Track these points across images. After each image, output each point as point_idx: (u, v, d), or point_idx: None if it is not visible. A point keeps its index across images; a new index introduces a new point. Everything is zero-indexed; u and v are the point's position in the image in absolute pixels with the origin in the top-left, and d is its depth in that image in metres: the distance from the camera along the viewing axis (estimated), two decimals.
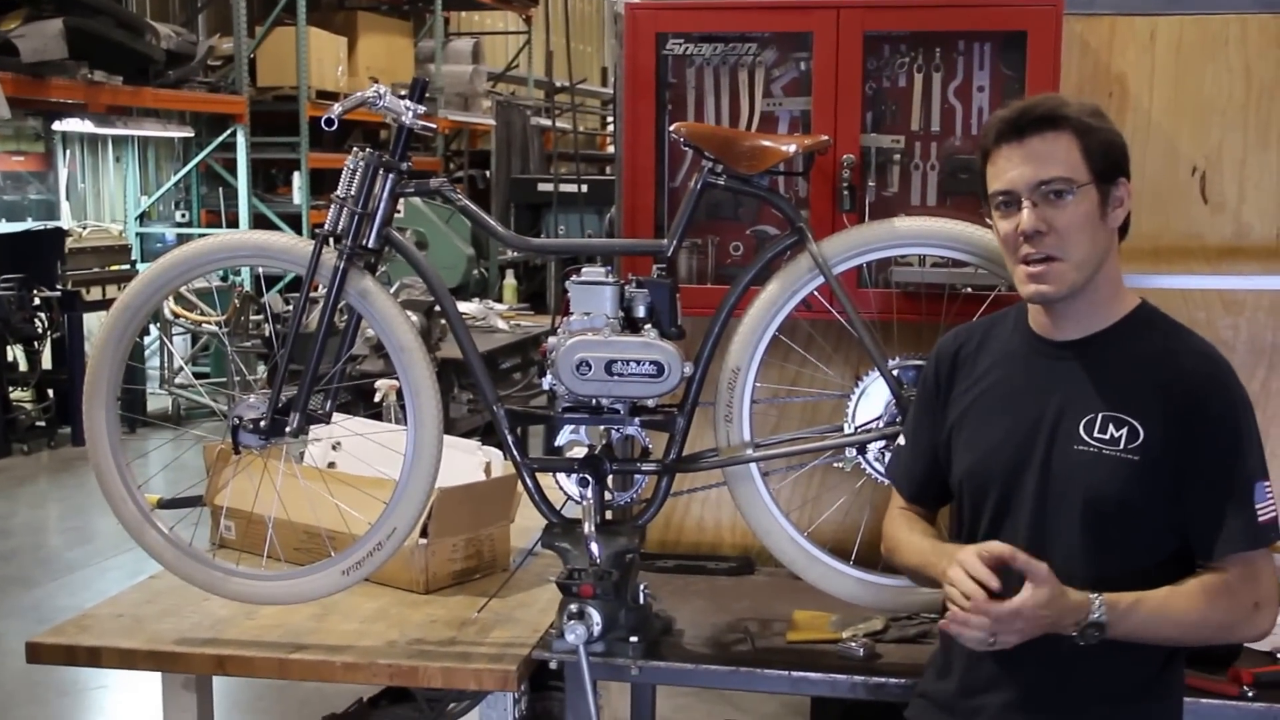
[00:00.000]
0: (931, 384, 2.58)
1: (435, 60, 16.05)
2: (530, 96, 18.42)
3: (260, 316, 9.96)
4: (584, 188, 9.84)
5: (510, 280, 12.12)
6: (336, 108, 2.90)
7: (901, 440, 2.72)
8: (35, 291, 10.27)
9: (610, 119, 17.62)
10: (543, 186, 13.39)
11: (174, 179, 13.69)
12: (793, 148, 2.89)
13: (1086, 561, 2.29)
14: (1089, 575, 2.27)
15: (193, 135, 13.20)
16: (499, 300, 11.36)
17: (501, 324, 9.29)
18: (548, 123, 15.78)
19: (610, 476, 2.93)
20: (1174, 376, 2.27)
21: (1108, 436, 2.27)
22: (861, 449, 2.98)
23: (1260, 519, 2.24)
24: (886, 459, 2.93)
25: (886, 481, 2.89)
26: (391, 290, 3.37)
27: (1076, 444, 2.30)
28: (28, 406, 10.68)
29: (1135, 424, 2.26)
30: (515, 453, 2.99)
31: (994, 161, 2.35)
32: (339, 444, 3.63)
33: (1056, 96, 2.40)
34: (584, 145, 17.89)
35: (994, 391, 2.46)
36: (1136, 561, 2.29)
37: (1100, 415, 2.29)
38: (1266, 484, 2.27)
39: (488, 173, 15.62)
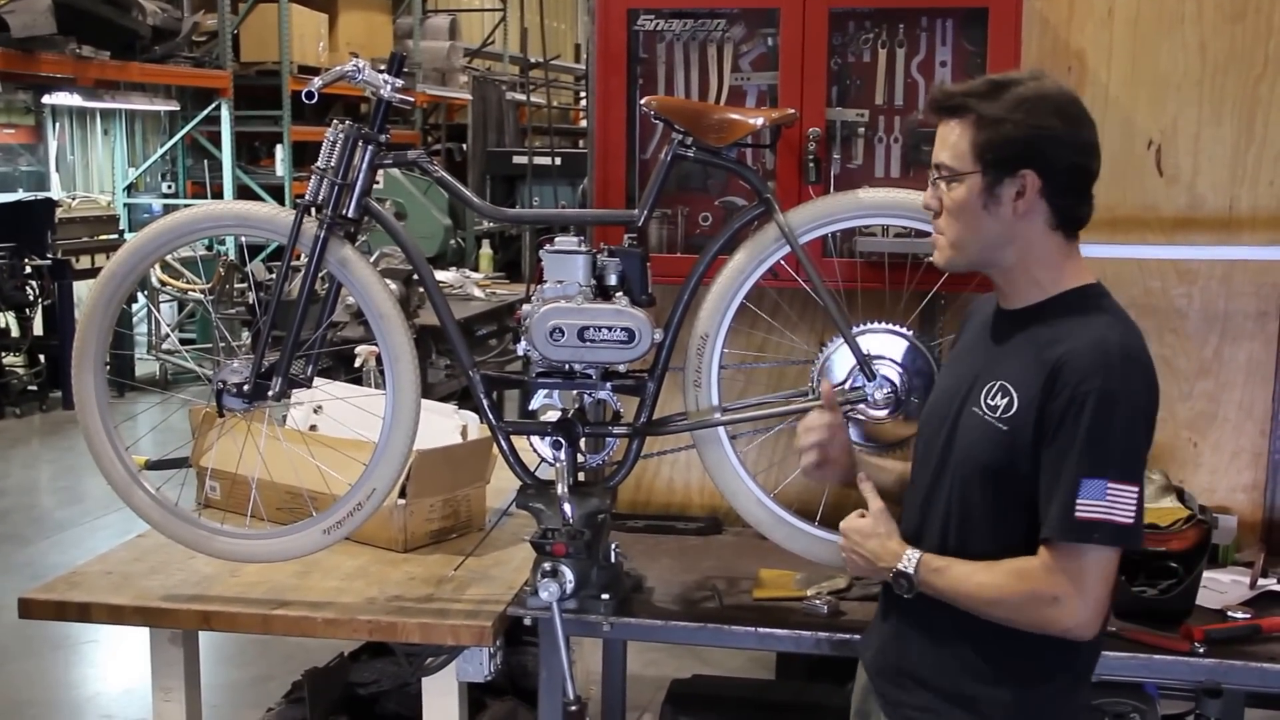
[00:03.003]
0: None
1: (413, 36, 16.04)
2: (505, 72, 18.36)
3: (244, 284, 10.01)
4: (557, 160, 9.82)
5: (486, 250, 12.13)
6: (317, 81, 2.93)
7: None
8: (26, 260, 10.33)
9: (583, 94, 17.61)
10: (518, 159, 13.34)
11: (160, 151, 13.67)
12: (760, 121, 2.91)
13: (962, 522, 2.35)
14: (961, 535, 2.35)
15: (178, 109, 13.21)
16: (475, 269, 11.35)
17: (478, 292, 9.27)
18: (522, 97, 15.79)
19: (582, 439, 2.98)
20: (1057, 357, 2.23)
21: (993, 404, 2.30)
22: None
23: (1077, 514, 2.18)
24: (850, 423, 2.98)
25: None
26: (371, 259, 3.40)
27: (974, 407, 2.34)
28: (20, 371, 10.80)
29: (1014, 396, 2.27)
30: (491, 416, 3.02)
31: None
32: (320, 407, 3.67)
33: (985, 82, 2.32)
34: (557, 119, 17.88)
35: (960, 349, 2.55)
36: (1001, 533, 2.31)
37: (996, 384, 2.32)
38: (1110, 485, 2.17)
39: (464, 146, 15.60)
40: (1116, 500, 2.18)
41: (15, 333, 10.70)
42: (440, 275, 9.08)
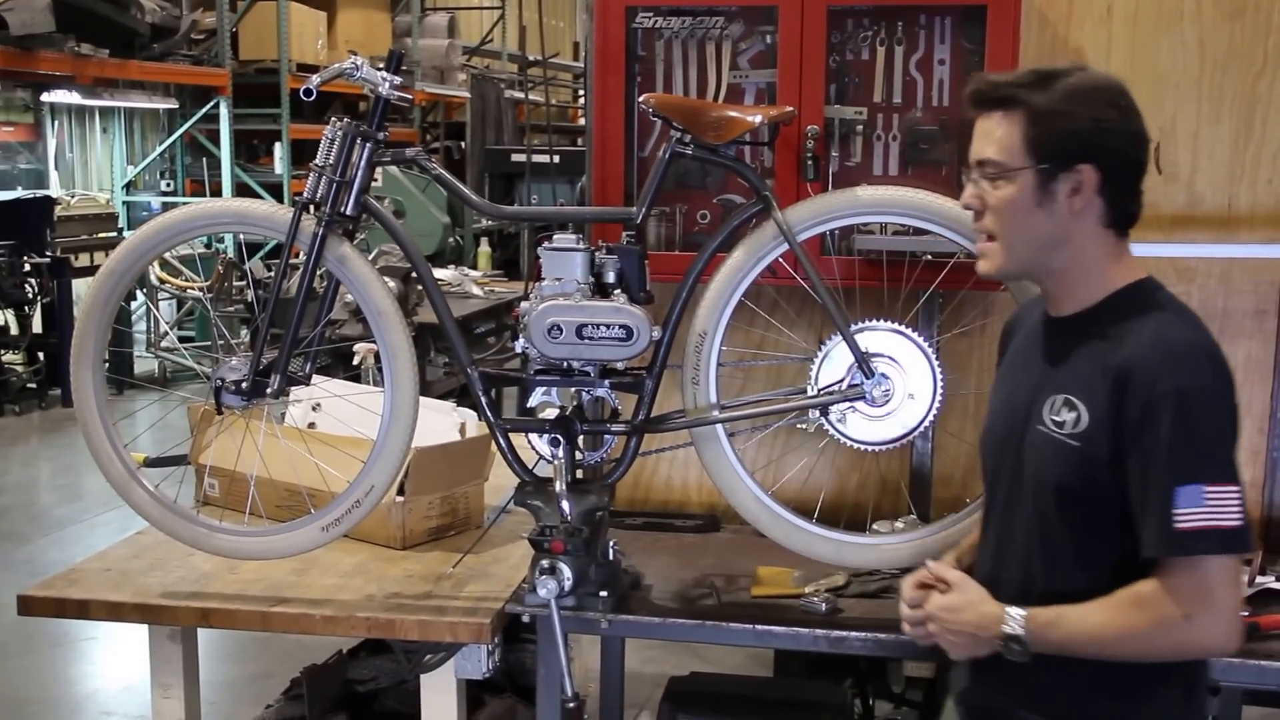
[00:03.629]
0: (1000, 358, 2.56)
1: (412, 34, 16.07)
2: (504, 70, 18.38)
3: (242, 282, 10.03)
4: (556, 158, 9.83)
5: (485, 247, 12.11)
6: (315, 78, 2.92)
7: None
8: (25, 258, 10.34)
9: (581, 92, 17.62)
10: (516, 157, 13.32)
11: (159, 149, 13.71)
12: (758, 118, 2.90)
13: (1044, 550, 2.23)
14: (1045, 566, 2.23)
15: (177, 107, 13.24)
16: (474, 267, 11.36)
17: (476, 290, 9.30)
18: (521, 95, 15.78)
19: (581, 436, 2.97)
20: (1120, 362, 2.11)
21: (1059, 419, 2.18)
22: (824, 411, 2.96)
23: (1177, 525, 2.04)
24: (848, 421, 2.96)
25: (848, 443, 2.96)
26: (369, 257, 3.40)
27: (1039, 424, 2.22)
28: (19, 369, 10.83)
29: (1082, 409, 2.15)
30: (489, 414, 3.02)
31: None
32: (319, 405, 3.67)
33: (1030, 73, 2.22)
34: (556, 117, 17.87)
35: (1009, 364, 2.45)
36: (1086, 556, 2.19)
37: (1060, 397, 2.19)
38: (1206, 488, 2.05)
39: (463, 143, 15.59)
40: (1218, 503, 2.05)
41: (14, 330, 10.70)
42: (439, 273, 9.07)
